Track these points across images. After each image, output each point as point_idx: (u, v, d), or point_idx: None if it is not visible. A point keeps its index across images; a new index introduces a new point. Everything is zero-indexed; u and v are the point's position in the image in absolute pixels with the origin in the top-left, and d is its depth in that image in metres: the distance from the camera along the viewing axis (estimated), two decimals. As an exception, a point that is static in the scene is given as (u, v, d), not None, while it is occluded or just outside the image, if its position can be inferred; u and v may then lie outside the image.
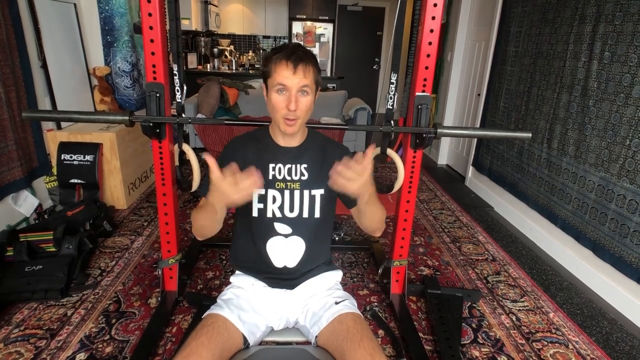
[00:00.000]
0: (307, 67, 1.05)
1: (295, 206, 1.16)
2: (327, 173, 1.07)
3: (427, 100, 1.57)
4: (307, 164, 1.17)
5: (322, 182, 1.16)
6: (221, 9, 6.46)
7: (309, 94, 1.07)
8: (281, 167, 1.17)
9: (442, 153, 4.34)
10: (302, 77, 1.04)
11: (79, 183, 2.63)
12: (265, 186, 1.16)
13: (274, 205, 1.16)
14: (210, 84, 4.09)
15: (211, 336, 1.01)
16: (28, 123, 2.42)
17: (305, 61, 1.05)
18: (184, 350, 0.96)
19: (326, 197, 1.18)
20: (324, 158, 1.18)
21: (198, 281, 2.03)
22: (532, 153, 2.69)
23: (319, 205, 1.17)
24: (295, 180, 1.16)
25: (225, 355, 1.02)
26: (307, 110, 1.09)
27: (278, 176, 1.16)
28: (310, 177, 1.16)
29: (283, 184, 1.16)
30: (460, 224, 2.86)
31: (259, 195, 1.17)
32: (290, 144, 1.18)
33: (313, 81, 1.07)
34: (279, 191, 1.16)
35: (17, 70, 2.32)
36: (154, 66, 1.49)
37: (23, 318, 1.71)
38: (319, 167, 1.17)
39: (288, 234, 1.17)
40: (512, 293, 2.06)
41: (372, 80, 7.21)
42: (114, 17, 3.11)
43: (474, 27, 3.78)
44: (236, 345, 1.06)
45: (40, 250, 2.07)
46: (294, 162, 1.17)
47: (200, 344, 0.97)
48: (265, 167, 1.16)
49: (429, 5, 1.48)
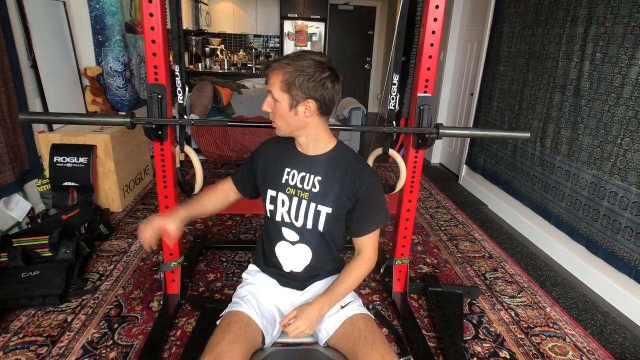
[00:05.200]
0: (271, 74, 1.04)
1: (300, 216, 1.15)
2: (338, 193, 1.11)
3: (429, 101, 1.59)
4: (321, 176, 1.13)
5: (330, 200, 1.13)
6: (211, 7, 6.40)
7: (278, 101, 1.04)
8: (295, 173, 1.16)
9: (435, 152, 4.39)
10: (268, 83, 1.06)
11: (73, 186, 2.58)
12: (277, 189, 1.17)
13: (283, 209, 1.17)
14: (203, 83, 4.06)
15: (239, 333, 1.02)
16: (19, 125, 2.36)
17: (270, 69, 1.04)
18: (214, 349, 0.97)
19: (332, 218, 1.14)
20: (342, 177, 1.12)
21: (199, 284, 2.02)
22: (525, 152, 2.74)
23: (323, 222, 1.14)
24: (305, 189, 1.14)
25: (250, 351, 1.03)
26: (279, 116, 1.07)
27: (290, 181, 1.16)
28: (321, 191, 1.13)
29: (293, 191, 1.16)
30: (456, 222, 2.90)
31: (270, 197, 1.18)
32: (308, 151, 1.15)
33: (277, 88, 1.03)
34: (288, 196, 1.16)
35: (6, 71, 2.26)
36: (155, 67, 1.48)
37: (21, 325, 1.67)
38: (332, 184, 1.13)
39: (295, 241, 1.18)
40: (510, 289, 2.10)
41: (363, 79, 7.26)
42: (105, 15, 3.06)
43: (466, 28, 3.83)
44: (257, 341, 1.08)
45: (36, 255, 2.03)
46: (308, 171, 1.15)
47: (230, 341, 0.99)
48: (281, 170, 1.17)
49: (431, 7, 1.49)
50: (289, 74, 1.02)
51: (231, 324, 1.05)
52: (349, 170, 1.13)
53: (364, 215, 1.14)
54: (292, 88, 1.02)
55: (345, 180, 1.12)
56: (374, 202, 1.14)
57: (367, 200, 1.12)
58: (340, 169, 1.13)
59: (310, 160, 1.15)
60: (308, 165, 1.15)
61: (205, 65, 6.03)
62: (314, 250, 1.18)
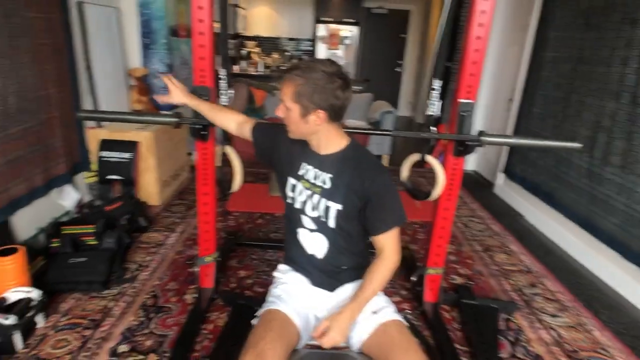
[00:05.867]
0: (283, 84, 1.09)
1: (315, 208, 1.19)
2: (347, 190, 1.14)
3: (471, 108, 1.55)
4: (332, 174, 1.16)
5: (340, 197, 1.15)
6: (248, 11, 6.56)
7: (289, 109, 1.09)
8: (310, 169, 1.20)
9: (469, 159, 4.27)
10: (280, 92, 1.12)
11: (117, 179, 2.71)
12: (297, 178, 1.22)
13: (300, 197, 1.21)
14: (239, 85, 4.17)
15: (280, 332, 1.05)
16: (73, 121, 2.51)
17: (283, 79, 1.09)
18: (257, 345, 0.99)
19: (343, 214, 1.16)
20: (351, 174, 1.15)
21: (231, 280, 2.07)
22: (570, 162, 2.61)
23: (334, 218, 1.16)
24: (317, 185, 1.18)
25: (289, 350, 1.05)
26: (291, 122, 1.12)
27: (306, 175, 1.21)
28: (331, 188, 1.16)
29: (307, 184, 1.20)
30: (491, 232, 2.81)
31: (291, 184, 1.23)
32: (319, 150, 1.19)
33: (289, 98, 1.08)
34: (304, 188, 1.21)
35: (66, 72, 2.42)
36: (202, 70, 1.53)
37: (69, 307, 1.78)
38: (342, 181, 1.15)
39: (313, 229, 1.22)
40: (551, 307, 2.00)
41: (394, 82, 7.19)
42: (152, 20, 3.20)
43: (505, 32, 3.71)
44: (295, 340, 1.10)
45: (82, 243, 2.15)
46: (320, 169, 1.18)
47: (273, 339, 1.01)
48: (299, 162, 1.22)
49: (477, 12, 1.46)
50: (300, 86, 1.05)
51: (272, 322, 1.07)
52: (358, 168, 1.15)
53: (375, 213, 1.15)
54: (302, 99, 1.06)
55: (353, 177, 1.14)
56: (386, 200, 1.14)
57: (378, 198, 1.13)
58: (350, 167, 1.16)
59: (322, 159, 1.18)
60: (320, 163, 1.19)
61: (240, 68, 6.18)
62: (331, 243, 1.21)
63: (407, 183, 1.75)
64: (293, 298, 1.20)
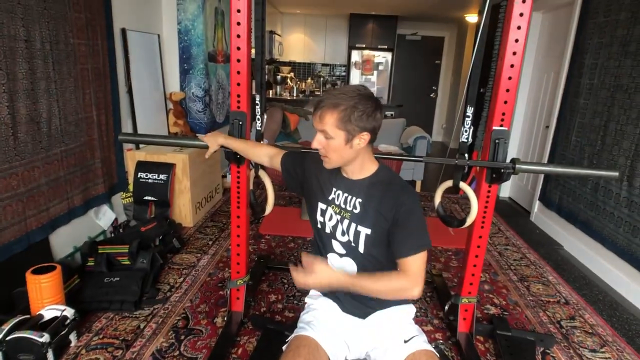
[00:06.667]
0: (323, 114, 1.09)
1: (345, 233, 1.19)
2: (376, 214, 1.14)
3: (505, 135, 1.54)
4: (362, 199, 1.17)
5: (369, 222, 1.15)
6: (284, 38, 6.80)
7: (332, 137, 1.09)
8: (340, 194, 1.21)
9: (504, 185, 4.16)
10: (319, 123, 1.11)
11: (152, 200, 2.80)
12: (327, 203, 1.23)
13: (330, 222, 1.22)
14: (274, 110, 4.27)
15: (308, 358, 1.05)
16: (112, 142, 2.65)
17: (321, 109, 1.09)
18: None
19: (372, 239, 1.15)
20: (381, 198, 1.14)
21: (261, 303, 2.07)
22: (609, 190, 2.51)
23: (363, 242, 1.16)
24: (347, 210, 1.18)
25: None
26: (333, 151, 1.12)
27: (336, 200, 1.21)
28: (361, 212, 1.16)
29: (337, 209, 1.21)
30: (527, 261, 2.70)
31: (320, 209, 1.24)
32: (350, 175, 1.20)
33: (333, 126, 1.08)
34: (334, 213, 1.21)
35: (108, 96, 2.56)
36: (238, 96, 1.59)
37: (102, 327, 1.82)
38: (371, 205, 1.15)
39: (342, 253, 1.22)
40: (591, 341, 1.89)
41: (428, 108, 7.20)
42: (191, 46, 3.37)
43: (542, 58, 3.67)
44: None
45: (116, 262, 2.21)
46: (350, 194, 1.19)
47: None
48: (329, 187, 1.23)
49: (510, 40, 1.47)
50: (344, 112, 1.07)
51: (300, 348, 1.07)
52: (387, 191, 1.15)
53: (400, 236, 1.12)
54: (348, 125, 1.07)
55: (383, 200, 1.14)
56: (411, 223, 1.12)
57: (405, 221, 1.12)
58: (379, 190, 1.16)
59: (353, 183, 1.19)
60: (351, 187, 1.20)
61: (275, 92, 6.37)
62: (360, 268, 1.20)
63: (440, 209, 1.72)
64: (323, 324, 1.19)
